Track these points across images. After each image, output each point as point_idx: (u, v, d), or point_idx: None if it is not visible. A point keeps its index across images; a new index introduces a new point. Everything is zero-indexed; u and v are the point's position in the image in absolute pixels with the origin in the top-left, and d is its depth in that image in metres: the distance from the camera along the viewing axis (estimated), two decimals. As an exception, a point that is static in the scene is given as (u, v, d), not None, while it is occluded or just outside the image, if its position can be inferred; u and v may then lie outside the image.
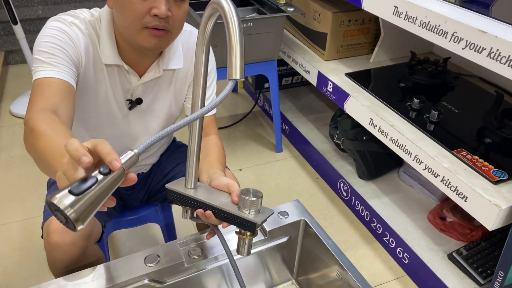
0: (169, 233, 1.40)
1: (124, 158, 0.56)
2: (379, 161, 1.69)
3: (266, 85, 2.25)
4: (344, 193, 1.72)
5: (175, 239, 1.49)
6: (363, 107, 1.45)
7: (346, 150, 1.73)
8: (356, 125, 1.67)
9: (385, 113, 1.41)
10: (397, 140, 1.33)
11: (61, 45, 0.84)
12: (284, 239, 1.07)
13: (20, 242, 1.52)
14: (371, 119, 1.43)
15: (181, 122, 0.58)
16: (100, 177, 0.53)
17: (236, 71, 0.60)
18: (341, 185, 1.73)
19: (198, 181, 0.85)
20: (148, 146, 0.55)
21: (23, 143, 0.78)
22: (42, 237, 0.97)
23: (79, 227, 0.51)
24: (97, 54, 0.91)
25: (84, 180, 0.52)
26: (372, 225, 1.58)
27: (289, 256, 1.13)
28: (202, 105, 0.76)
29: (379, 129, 1.40)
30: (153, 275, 0.92)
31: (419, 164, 1.26)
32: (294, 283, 1.14)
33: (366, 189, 1.65)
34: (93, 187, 0.52)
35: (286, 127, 2.10)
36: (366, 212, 1.60)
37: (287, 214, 1.06)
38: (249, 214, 0.77)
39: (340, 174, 1.72)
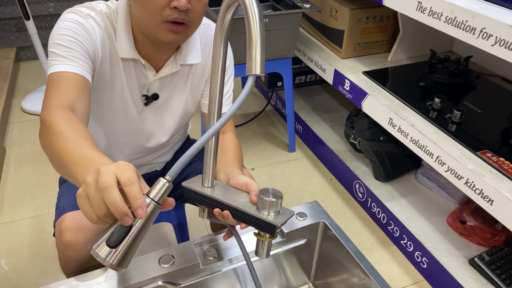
0: (182, 232, 1.37)
1: (156, 189, 0.54)
2: (396, 162, 1.64)
3: (279, 84, 2.21)
4: (360, 195, 1.68)
5: (187, 239, 1.47)
6: (382, 106, 1.41)
7: (362, 150, 1.69)
8: (373, 125, 1.63)
9: (405, 112, 1.37)
10: (418, 140, 1.29)
11: (78, 38, 0.81)
12: (302, 242, 1.03)
13: (30, 239, 1.50)
14: (391, 118, 1.38)
15: (210, 132, 0.55)
16: (136, 225, 0.54)
17: (256, 66, 0.56)
18: (357, 186, 1.69)
19: (215, 179, 0.82)
20: (180, 169, 0.53)
21: (34, 140, 0.76)
22: (54, 235, 0.94)
23: (122, 270, 0.55)
24: (113, 48, 0.88)
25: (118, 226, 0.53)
26: (388, 228, 1.54)
27: (306, 259, 1.09)
28: (220, 101, 0.73)
29: (398, 129, 1.36)
30: (168, 276, 0.88)
31: (441, 165, 1.21)
32: (311, 287, 1.11)
33: (383, 191, 1.61)
34: (129, 234, 0.53)
35: (300, 126, 2.06)
36: (383, 214, 1.56)
37: (306, 216, 1.03)
38: (268, 216, 0.74)
39: (356, 175, 1.68)
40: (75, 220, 0.89)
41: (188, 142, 1.24)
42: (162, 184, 0.54)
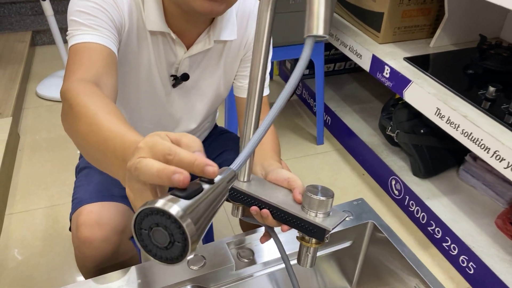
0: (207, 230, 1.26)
1: (222, 175, 0.42)
2: (437, 157, 1.51)
3: (305, 72, 2.09)
4: (396, 192, 1.55)
5: (211, 237, 1.36)
6: (428, 95, 1.28)
7: (400, 144, 1.56)
8: (413, 116, 1.50)
9: (455, 102, 1.23)
10: (471, 133, 1.16)
11: (103, 5, 0.70)
12: (346, 244, 0.92)
13: (43, 231, 1.41)
14: (438, 108, 1.25)
15: (272, 114, 0.45)
16: (205, 186, 0.39)
17: (318, 24, 0.43)
18: (393, 182, 1.56)
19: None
20: (245, 160, 0.42)
21: (48, 126, 0.66)
22: (70, 229, 0.84)
23: (192, 252, 0.36)
24: (141, 19, 0.77)
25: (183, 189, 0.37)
26: (429, 228, 1.41)
27: (349, 264, 0.98)
28: (263, 79, 0.61)
29: (447, 120, 1.23)
30: (198, 280, 0.78)
31: (500, 161, 1.08)
32: (352, 294, 0.99)
33: (423, 188, 1.48)
34: (201, 195, 0.37)
35: (328, 117, 1.94)
36: (422, 213, 1.43)
37: (351, 215, 0.91)
38: (316, 217, 0.62)
39: (392, 171, 1.55)
40: (94, 214, 0.78)
41: (216, 130, 1.12)
42: (228, 171, 0.42)
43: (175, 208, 0.34)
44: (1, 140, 1.64)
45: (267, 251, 0.82)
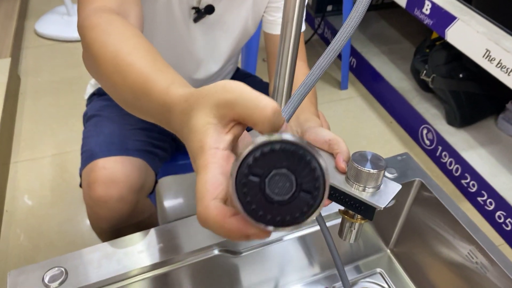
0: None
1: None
2: (475, 104, 1.38)
3: (329, 8, 1.90)
4: (427, 142, 1.44)
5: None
6: (477, 35, 1.12)
7: (435, 89, 1.42)
8: (451, 59, 1.35)
9: (508, 43, 1.08)
10: (526, 78, 1.02)
11: None
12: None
13: (52, 180, 1.33)
14: (487, 50, 1.10)
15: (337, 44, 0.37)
16: None
17: None
18: (424, 132, 1.45)
19: None
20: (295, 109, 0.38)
21: (51, 68, 0.54)
22: (80, 185, 0.75)
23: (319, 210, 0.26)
24: None
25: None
26: (463, 181, 1.32)
27: (387, 224, 0.89)
28: (300, 16, 0.47)
29: (498, 63, 1.08)
30: (226, 244, 0.69)
31: (560, 111, 0.96)
32: (389, 255, 0.92)
33: (457, 138, 1.37)
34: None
35: (354, 59, 1.78)
36: (456, 165, 1.33)
37: (395, 172, 0.81)
38: (364, 192, 0.50)
39: (424, 119, 1.43)
40: (107, 170, 0.68)
41: (239, 74, 0.99)
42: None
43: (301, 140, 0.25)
44: (1, 82, 1.52)
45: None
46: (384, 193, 0.51)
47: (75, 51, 1.84)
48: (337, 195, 0.52)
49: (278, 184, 0.25)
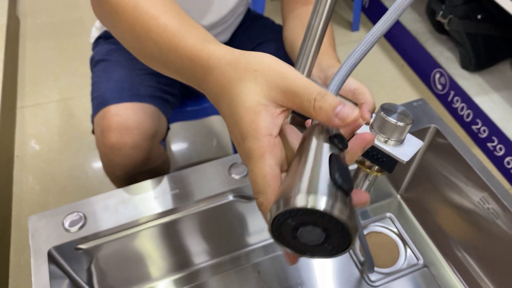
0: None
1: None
2: (491, 47, 1.33)
3: None
4: (440, 86, 1.41)
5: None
6: (501, -28, 1.06)
7: (451, 32, 1.37)
8: (470, -1, 1.29)
9: (534, -19, 1.02)
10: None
11: None
12: (402, 150, 0.81)
13: (59, 126, 1.33)
14: (511, -11, 1.05)
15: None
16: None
17: None
18: (437, 76, 1.41)
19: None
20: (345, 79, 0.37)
21: (50, 8, 0.52)
22: (92, 132, 0.74)
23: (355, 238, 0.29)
24: None
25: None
26: (473, 127, 1.31)
27: (398, 170, 0.89)
28: None
29: (521, 4, 1.03)
30: (240, 190, 0.70)
31: None
32: (399, 200, 0.93)
33: (471, 83, 1.34)
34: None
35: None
36: (468, 111, 1.31)
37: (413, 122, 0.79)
38: (386, 144, 0.49)
39: (437, 62, 1.39)
40: (120, 117, 0.67)
41: (249, 15, 0.95)
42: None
43: (322, 201, 0.27)
44: (1, 24, 1.47)
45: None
46: (407, 146, 0.50)
47: (74, -10, 1.76)
48: None
49: (309, 236, 0.29)
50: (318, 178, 0.29)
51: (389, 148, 0.49)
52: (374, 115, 0.49)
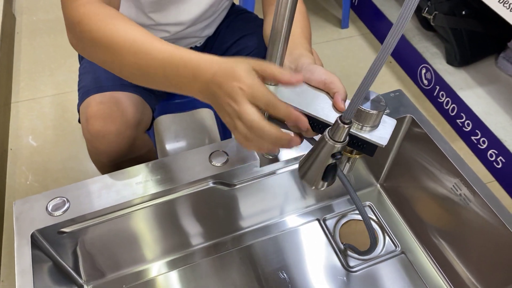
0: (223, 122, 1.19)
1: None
2: (476, 43, 1.36)
3: None
4: (426, 82, 1.44)
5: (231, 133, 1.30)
6: (481, -32, 1.08)
7: (436, 27, 1.39)
8: (455, -5, 1.32)
9: (513, -24, 1.05)
10: (528, 15, 1.00)
11: None
12: (379, 139, 0.84)
13: (54, 120, 1.36)
14: (491, -15, 1.07)
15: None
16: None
17: None
18: (423, 71, 1.44)
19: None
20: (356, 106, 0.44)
21: (46, 6, 0.59)
22: (79, 121, 0.77)
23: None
24: None
25: None
26: (458, 121, 1.33)
27: (377, 160, 0.92)
28: None
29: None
30: (221, 176, 0.73)
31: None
32: (378, 189, 0.95)
33: (456, 78, 1.36)
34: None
35: (355, -3, 1.73)
36: (453, 105, 1.34)
37: (388, 108, 0.82)
38: (362, 130, 0.52)
39: (424, 58, 1.42)
40: (104, 104, 0.70)
41: (234, 9, 0.97)
42: (340, 128, 0.46)
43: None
44: (-4, 21, 1.50)
45: (291, 148, 0.75)
46: (383, 129, 0.53)
47: (69, -12, 1.78)
48: None
49: None
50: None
51: (367, 134, 0.52)
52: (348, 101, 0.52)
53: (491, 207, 0.68)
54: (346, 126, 0.45)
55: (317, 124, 0.53)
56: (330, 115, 0.52)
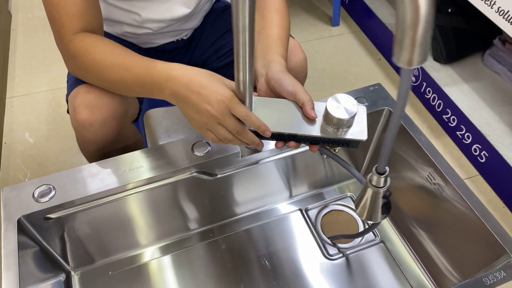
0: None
1: None
2: (462, 40, 1.38)
3: None
4: (413, 78, 1.47)
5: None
6: (464, -34, 1.11)
7: (423, 25, 1.41)
8: (441, -7, 1.34)
9: (494, -26, 1.07)
10: (508, 11, 1.02)
11: None
12: (358, 131, 0.86)
13: (47, 115, 1.38)
14: (473, -18, 1.10)
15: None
16: None
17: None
18: (411, 68, 1.46)
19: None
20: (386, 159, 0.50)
21: (41, 3, 0.65)
22: (68, 112, 0.79)
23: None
24: None
25: None
26: (444, 116, 1.36)
27: (358, 152, 0.94)
28: None
29: (482, -4, 1.08)
30: (203, 166, 0.75)
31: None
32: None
33: (442, 75, 1.39)
34: None
35: (345, -5, 1.76)
36: (439, 101, 1.36)
37: (366, 101, 0.84)
38: (342, 132, 0.58)
39: (411, 55, 1.44)
40: (91, 94, 0.72)
41: (219, 3, 0.99)
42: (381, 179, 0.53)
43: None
44: (-9, 18, 1.53)
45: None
46: (358, 123, 0.58)
47: (65, -14, 1.81)
48: (323, 141, 0.59)
49: None
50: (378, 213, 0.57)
51: (347, 135, 0.58)
52: (325, 105, 0.57)
53: (462, 195, 0.71)
54: (382, 176, 0.51)
55: (301, 139, 0.60)
56: (309, 128, 0.58)
